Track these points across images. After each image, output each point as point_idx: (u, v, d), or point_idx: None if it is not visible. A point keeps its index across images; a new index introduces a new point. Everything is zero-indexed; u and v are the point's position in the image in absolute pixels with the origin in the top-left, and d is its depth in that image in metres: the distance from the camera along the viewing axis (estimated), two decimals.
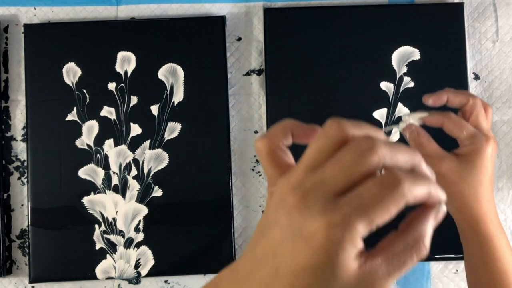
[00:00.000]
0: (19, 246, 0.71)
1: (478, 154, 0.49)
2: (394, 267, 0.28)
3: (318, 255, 0.26)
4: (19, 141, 0.72)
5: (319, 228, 0.26)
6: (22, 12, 0.73)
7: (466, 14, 0.72)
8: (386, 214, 0.27)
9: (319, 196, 0.27)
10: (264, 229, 0.29)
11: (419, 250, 0.28)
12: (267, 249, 0.28)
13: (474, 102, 0.51)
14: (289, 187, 0.28)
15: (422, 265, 0.70)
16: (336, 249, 0.26)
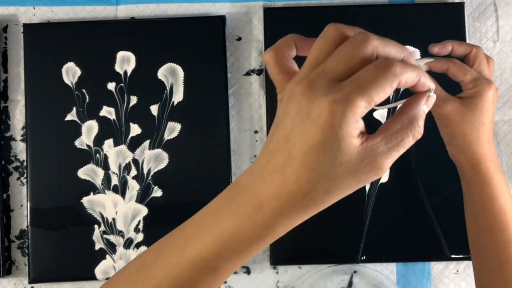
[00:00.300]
0: (18, 246, 0.71)
1: (481, 97, 0.52)
2: (392, 144, 0.32)
3: (324, 132, 0.30)
4: (18, 141, 0.71)
5: (324, 107, 0.30)
6: (22, 11, 0.73)
7: (467, 14, 0.72)
8: (381, 91, 0.30)
9: (322, 82, 0.31)
10: (276, 127, 0.33)
11: (414, 129, 0.33)
12: (280, 139, 0.32)
13: (477, 51, 0.54)
14: (296, 81, 0.33)
15: (422, 266, 0.70)
16: (340, 123, 0.30)
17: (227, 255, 0.34)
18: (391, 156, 0.33)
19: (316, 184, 0.31)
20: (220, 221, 0.34)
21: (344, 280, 0.69)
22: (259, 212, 0.33)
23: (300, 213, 0.33)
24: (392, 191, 0.69)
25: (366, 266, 0.69)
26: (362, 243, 0.68)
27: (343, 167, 0.31)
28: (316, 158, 0.31)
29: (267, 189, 0.32)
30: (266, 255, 0.70)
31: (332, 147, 0.30)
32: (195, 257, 0.34)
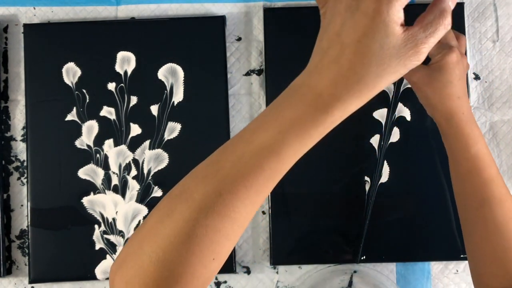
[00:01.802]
0: (18, 246, 0.71)
1: (444, 59, 0.58)
2: (429, 32, 0.37)
3: (374, 19, 0.35)
4: (18, 141, 0.72)
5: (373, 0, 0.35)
6: (22, 12, 0.73)
7: (466, 14, 0.72)
8: None
9: None
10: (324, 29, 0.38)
11: (445, 19, 0.38)
12: (331, 35, 0.38)
13: None
14: None
15: (422, 265, 0.70)
16: (387, 9, 0.35)
17: (290, 140, 0.38)
18: (428, 42, 0.38)
19: (369, 67, 0.36)
20: (282, 112, 0.38)
21: (344, 280, 0.69)
22: (318, 99, 0.38)
23: (355, 98, 0.38)
24: (392, 191, 0.69)
25: (366, 266, 0.69)
26: (362, 243, 0.68)
27: (390, 51, 0.36)
28: (367, 44, 0.36)
29: (325, 79, 0.37)
30: (266, 255, 0.70)
31: (380, 32, 0.36)
32: (261, 145, 0.38)
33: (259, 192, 0.39)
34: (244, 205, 0.39)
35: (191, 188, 0.39)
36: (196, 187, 0.39)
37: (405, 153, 0.69)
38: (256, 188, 0.39)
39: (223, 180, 0.39)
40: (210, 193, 0.39)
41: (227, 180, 0.39)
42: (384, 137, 0.69)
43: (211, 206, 0.38)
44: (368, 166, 0.69)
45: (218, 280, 0.70)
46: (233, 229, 0.39)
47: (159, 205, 0.40)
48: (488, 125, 0.71)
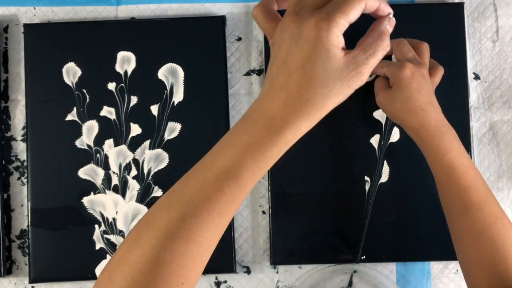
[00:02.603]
0: (19, 246, 0.71)
1: (398, 77, 0.59)
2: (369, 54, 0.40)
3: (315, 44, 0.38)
4: (19, 141, 0.72)
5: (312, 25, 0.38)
6: (22, 12, 0.73)
7: (466, 14, 0.72)
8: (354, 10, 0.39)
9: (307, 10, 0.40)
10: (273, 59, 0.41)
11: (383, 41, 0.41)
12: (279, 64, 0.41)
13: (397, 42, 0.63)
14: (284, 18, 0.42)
15: (422, 265, 0.70)
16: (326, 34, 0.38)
17: (247, 163, 0.41)
18: (369, 63, 0.40)
19: (315, 90, 0.39)
20: (239, 137, 0.41)
21: (344, 280, 0.70)
22: (271, 123, 0.40)
23: (305, 119, 0.40)
24: (392, 191, 0.69)
25: (366, 266, 0.69)
26: (362, 243, 0.68)
27: (334, 74, 0.39)
28: (311, 68, 0.39)
29: (275, 104, 0.40)
30: (266, 255, 0.70)
31: (323, 56, 0.39)
32: (220, 170, 0.41)
33: (222, 215, 0.41)
34: (208, 229, 0.41)
35: (157, 216, 0.41)
36: (161, 215, 0.41)
37: (405, 153, 0.69)
38: (218, 211, 0.41)
39: (186, 206, 0.40)
40: (174, 219, 0.40)
41: (190, 206, 0.40)
42: (384, 137, 0.69)
43: (176, 232, 0.40)
44: (368, 166, 0.69)
45: (218, 280, 0.70)
46: (199, 252, 0.41)
47: (128, 236, 0.42)
48: (488, 125, 0.71)
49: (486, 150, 0.71)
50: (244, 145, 0.41)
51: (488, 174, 0.71)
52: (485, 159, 0.71)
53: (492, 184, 0.71)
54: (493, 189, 0.71)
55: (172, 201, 0.42)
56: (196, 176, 0.42)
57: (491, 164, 0.71)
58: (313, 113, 0.40)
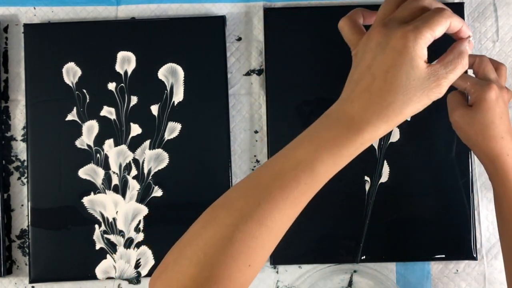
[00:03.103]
0: (19, 246, 0.71)
1: (482, 98, 0.56)
2: (449, 69, 0.43)
3: (401, 53, 0.41)
4: (19, 141, 0.72)
5: (400, 35, 0.41)
6: (22, 12, 0.73)
7: (466, 14, 0.72)
8: (440, 26, 0.42)
9: (395, 22, 0.42)
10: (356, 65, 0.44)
11: (462, 59, 0.43)
12: (363, 69, 0.43)
13: (480, 59, 0.60)
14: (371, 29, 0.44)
15: (422, 265, 0.70)
16: (413, 45, 0.41)
17: (324, 158, 0.43)
18: (448, 78, 0.43)
19: (396, 95, 0.41)
20: (318, 133, 0.43)
21: (344, 280, 0.70)
22: (351, 122, 0.42)
23: (383, 122, 0.42)
24: (392, 191, 0.69)
25: (366, 266, 0.69)
26: (362, 243, 0.68)
27: (415, 82, 0.41)
28: (395, 74, 0.41)
29: (357, 105, 0.42)
30: None
31: (407, 65, 0.41)
32: (297, 161, 0.43)
33: (294, 204, 0.43)
34: (280, 216, 0.43)
35: (233, 198, 0.44)
36: (238, 197, 0.44)
37: (405, 153, 0.69)
38: (291, 200, 0.43)
39: (263, 191, 0.43)
40: (250, 203, 0.42)
41: (266, 192, 0.43)
42: (384, 137, 0.69)
43: (250, 214, 0.42)
44: (368, 166, 0.69)
45: None
46: (268, 238, 0.43)
47: (203, 214, 0.45)
48: None
49: None
50: (323, 141, 0.43)
51: None
52: None
53: None
54: None
55: (250, 186, 0.44)
56: (274, 165, 0.44)
57: None
58: (392, 117, 0.42)
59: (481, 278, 0.70)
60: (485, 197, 0.71)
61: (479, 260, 0.69)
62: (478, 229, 0.70)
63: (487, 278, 0.70)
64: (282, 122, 0.70)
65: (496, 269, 0.70)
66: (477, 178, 0.71)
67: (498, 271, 0.70)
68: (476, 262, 0.69)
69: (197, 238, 0.43)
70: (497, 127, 0.56)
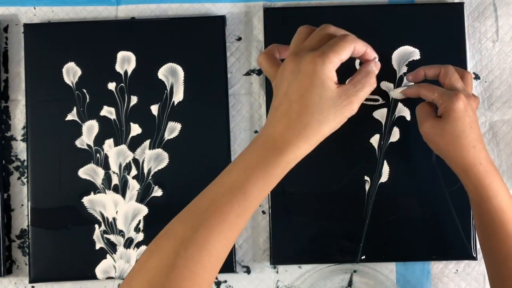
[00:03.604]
0: (19, 246, 0.71)
1: (451, 108, 0.56)
2: (358, 88, 0.48)
3: (312, 77, 0.45)
4: (19, 141, 0.72)
5: (309, 61, 0.46)
6: (22, 12, 0.73)
7: (466, 14, 0.72)
8: (345, 50, 0.47)
9: (305, 50, 0.47)
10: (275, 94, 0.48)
11: (370, 78, 0.49)
12: (281, 96, 0.47)
13: (445, 70, 0.60)
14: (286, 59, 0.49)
15: (422, 265, 0.70)
16: (322, 68, 0.45)
17: (254, 179, 0.46)
18: (358, 96, 0.48)
19: (312, 116, 0.46)
20: (246, 157, 0.47)
21: (344, 280, 0.70)
22: (274, 144, 0.46)
23: (304, 141, 0.46)
24: (392, 191, 0.69)
25: (366, 266, 0.69)
26: (362, 243, 0.68)
27: (328, 102, 0.46)
28: (309, 97, 0.46)
29: (278, 129, 0.47)
30: (266, 254, 0.70)
31: (318, 87, 0.46)
32: (230, 185, 0.46)
33: (231, 227, 0.46)
34: (218, 239, 0.45)
35: (175, 227, 0.47)
36: (178, 225, 0.47)
37: (405, 153, 0.69)
38: (228, 223, 0.45)
39: (200, 217, 0.46)
40: (189, 229, 0.45)
41: (203, 217, 0.45)
42: (384, 137, 0.69)
43: (190, 240, 0.45)
44: (368, 166, 0.69)
45: (218, 280, 0.70)
46: (210, 261, 0.45)
47: (148, 246, 0.47)
48: (488, 125, 0.71)
49: None
50: (251, 164, 0.47)
51: None
52: None
53: None
54: None
55: (189, 213, 0.47)
56: (210, 191, 0.48)
57: None
58: (311, 136, 0.46)
59: (481, 278, 0.70)
60: None
61: (479, 260, 0.69)
62: None
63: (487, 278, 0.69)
64: None
65: None
66: None
67: None
68: (476, 262, 0.69)
69: (143, 268, 0.45)
70: (468, 137, 0.56)
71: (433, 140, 0.59)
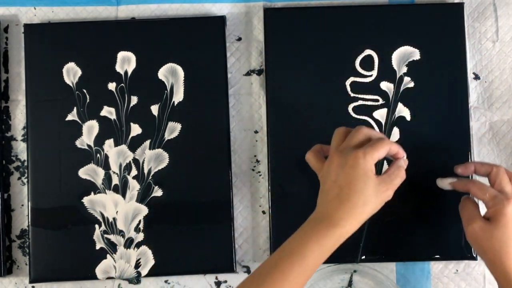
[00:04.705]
0: (19, 246, 0.71)
1: (501, 213, 0.57)
2: (392, 178, 0.57)
3: (357, 169, 0.55)
4: (19, 141, 0.72)
5: (354, 156, 0.55)
6: (22, 12, 0.73)
7: (466, 14, 0.72)
8: (382, 151, 0.56)
9: (348, 148, 0.57)
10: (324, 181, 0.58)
11: (401, 172, 0.58)
12: (330, 184, 0.56)
13: (497, 170, 0.60)
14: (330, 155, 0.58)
15: (422, 265, 0.70)
16: (365, 163, 0.55)
17: (312, 247, 0.54)
18: (393, 184, 0.57)
19: (358, 197, 0.55)
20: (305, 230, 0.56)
21: (344, 280, 0.70)
22: (329, 220, 0.55)
23: (353, 218, 0.55)
24: None
25: (366, 266, 0.69)
26: (362, 243, 0.68)
27: (371, 188, 0.55)
28: (356, 184, 0.55)
29: (331, 208, 0.55)
30: (266, 255, 0.70)
31: (362, 176, 0.55)
32: (290, 250, 0.55)
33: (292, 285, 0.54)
34: None
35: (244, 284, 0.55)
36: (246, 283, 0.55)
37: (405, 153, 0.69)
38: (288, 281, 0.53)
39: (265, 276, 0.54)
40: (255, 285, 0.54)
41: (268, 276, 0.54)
42: None
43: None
44: None
45: (218, 280, 0.70)
46: None
47: None
48: (488, 125, 0.72)
49: (485, 150, 0.71)
50: (308, 235, 0.55)
51: None
52: (485, 159, 0.71)
53: None
54: None
55: (255, 274, 0.55)
56: (272, 257, 0.56)
57: None
58: (358, 214, 0.55)
59: (481, 278, 0.70)
60: None
61: (479, 260, 0.69)
62: None
63: (487, 278, 0.70)
64: (282, 122, 0.70)
65: None
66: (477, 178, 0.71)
67: None
68: (476, 262, 0.69)
69: None
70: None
71: (480, 242, 0.58)
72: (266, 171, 0.70)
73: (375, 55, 0.70)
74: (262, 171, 0.71)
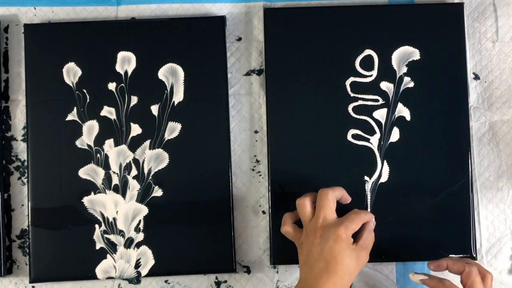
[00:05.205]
0: (19, 246, 0.71)
1: None
2: (367, 244, 0.63)
3: (342, 243, 0.59)
4: (19, 141, 0.72)
5: (335, 231, 0.60)
6: (22, 12, 0.73)
7: (466, 14, 0.72)
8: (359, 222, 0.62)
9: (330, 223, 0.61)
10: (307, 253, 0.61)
11: (371, 234, 0.64)
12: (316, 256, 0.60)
13: (469, 270, 0.61)
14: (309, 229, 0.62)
15: (422, 265, 0.70)
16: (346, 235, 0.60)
17: None
18: (368, 249, 0.63)
19: (345, 270, 0.59)
20: None
21: None
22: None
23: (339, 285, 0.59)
24: (392, 191, 0.69)
25: (366, 266, 0.69)
26: None
27: (354, 258, 0.60)
28: (342, 257, 0.59)
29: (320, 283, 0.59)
30: (266, 254, 0.70)
31: (345, 250, 0.60)
32: None
33: None
34: None
35: None
36: None
37: (405, 153, 0.69)
38: None
39: None
40: None
41: None
42: (384, 137, 0.69)
43: None
44: (368, 166, 0.69)
45: (218, 280, 0.70)
46: None
47: None
48: (488, 125, 0.72)
49: (485, 150, 0.71)
50: None
51: (488, 174, 0.71)
52: (485, 159, 0.71)
53: (492, 184, 0.71)
54: (492, 189, 0.71)
55: None
56: None
57: (490, 164, 0.71)
58: (346, 283, 0.59)
59: None
60: (484, 197, 0.71)
61: (479, 260, 0.69)
62: (477, 229, 0.70)
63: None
64: (282, 122, 0.70)
65: (496, 269, 0.70)
66: (477, 178, 0.71)
67: (498, 271, 0.70)
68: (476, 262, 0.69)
69: None
70: None
71: None
72: (266, 171, 0.70)
73: (375, 55, 0.70)
74: (262, 171, 0.71)
